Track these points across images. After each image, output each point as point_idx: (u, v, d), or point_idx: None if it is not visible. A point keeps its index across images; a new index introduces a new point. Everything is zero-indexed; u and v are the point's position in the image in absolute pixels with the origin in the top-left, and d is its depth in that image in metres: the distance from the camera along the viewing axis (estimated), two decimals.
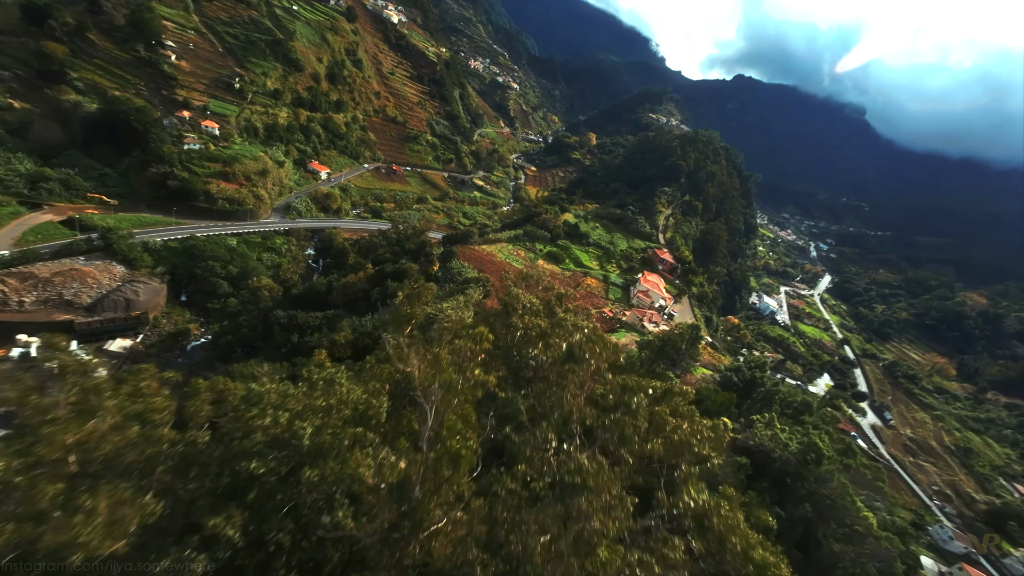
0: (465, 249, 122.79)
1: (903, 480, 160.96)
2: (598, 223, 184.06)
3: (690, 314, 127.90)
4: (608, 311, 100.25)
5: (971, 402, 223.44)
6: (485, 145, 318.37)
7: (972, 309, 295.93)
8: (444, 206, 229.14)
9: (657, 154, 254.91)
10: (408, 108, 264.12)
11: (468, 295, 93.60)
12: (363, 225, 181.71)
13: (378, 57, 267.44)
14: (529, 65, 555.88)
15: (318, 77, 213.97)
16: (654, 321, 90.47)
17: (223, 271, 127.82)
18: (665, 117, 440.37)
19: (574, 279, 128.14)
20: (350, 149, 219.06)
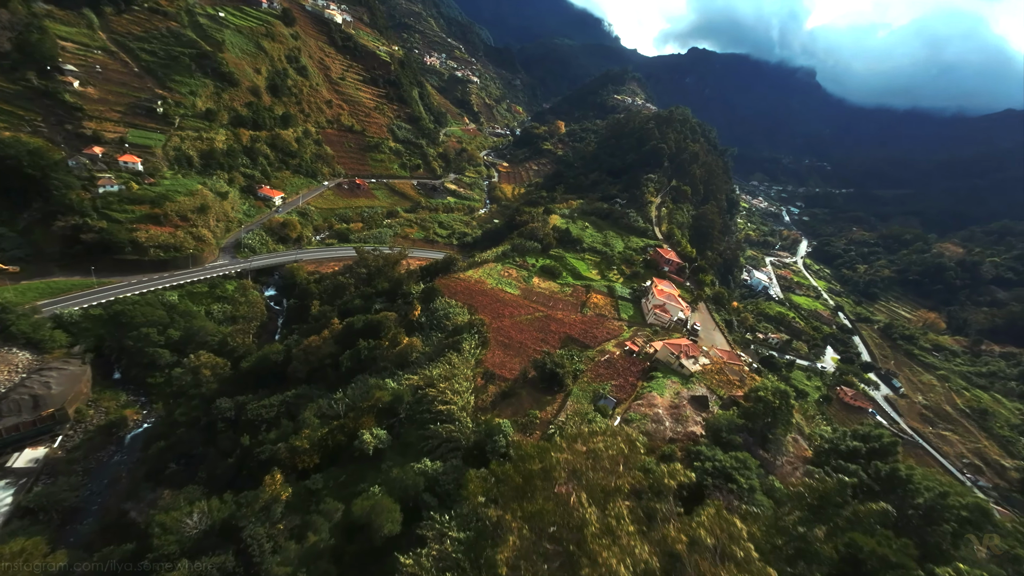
0: (449, 280, 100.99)
1: (931, 456, 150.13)
2: (586, 221, 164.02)
3: (710, 321, 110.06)
4: (631, 343, 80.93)
5: (969, 356, 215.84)
6: (452, 145, 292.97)
7: (950, 260, 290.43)
8: (417, 218, 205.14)
9: (633, 138, 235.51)
10: (365, 115, 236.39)
11: (462, 349, 72.47)
12: (329, 254, 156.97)
13: (325, 62, 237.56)
14: (487, 56, 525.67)
15: (258, 91, 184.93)
16: (692, 355, 71.84)
17: (161, 337, 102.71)
18: (630, 97, 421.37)
19: (576, 297, 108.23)
20: (305, 167, 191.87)
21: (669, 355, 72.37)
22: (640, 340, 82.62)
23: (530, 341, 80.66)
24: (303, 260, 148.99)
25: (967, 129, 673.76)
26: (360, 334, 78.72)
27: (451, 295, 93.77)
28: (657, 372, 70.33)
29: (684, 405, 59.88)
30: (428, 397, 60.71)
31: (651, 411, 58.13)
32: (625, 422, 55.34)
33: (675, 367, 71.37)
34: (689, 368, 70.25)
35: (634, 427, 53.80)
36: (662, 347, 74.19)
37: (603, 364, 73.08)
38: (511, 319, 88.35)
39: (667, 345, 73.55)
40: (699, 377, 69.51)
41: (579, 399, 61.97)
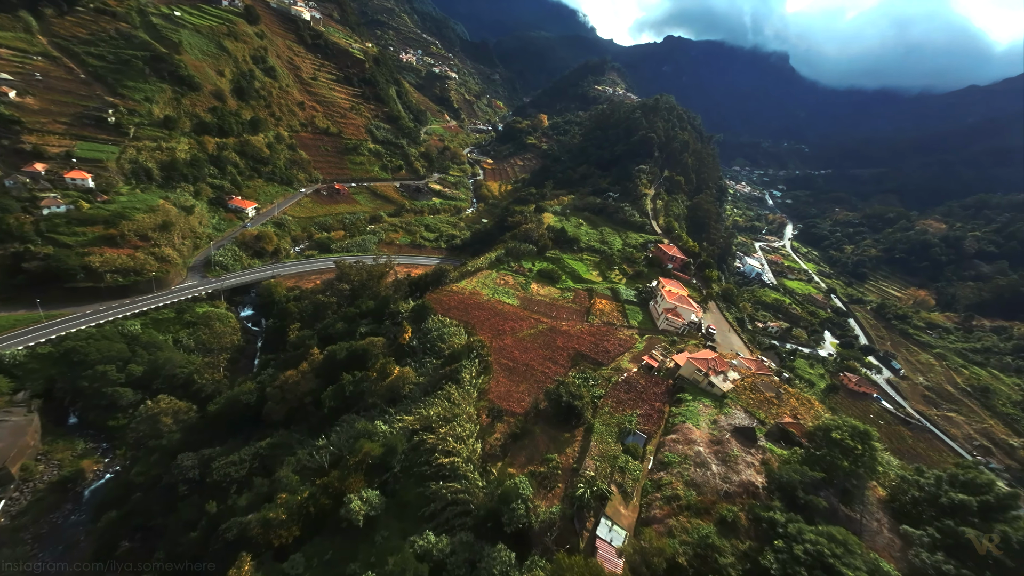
0: (441, 294, 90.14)
1: (940, 440, 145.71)
2: (580, 218, 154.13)
3: (722, 322, 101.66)
4: (649, 358, 71.52)
5: (962, 333, 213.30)
6: (434, 143, 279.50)
7: (934, 236, 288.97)
8: (402, 222, 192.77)
9: (620, 128, 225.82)
10: (341, 116, 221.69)
11: (461, 379, 62.17)
12: (309, 267, 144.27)
13: (295, 61, 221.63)
14: (463, 51, 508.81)
15: (222, 94, 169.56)
16: (720, 371, 62.76)
17: (122, 375, 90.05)
18: (611, 88, 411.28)
19: (580, 303, 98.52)
20: (279, 174, 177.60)
21: (695, 372, 63.31)
22: (658, 353, 73.34)
23: (537, 361, 70.82)
24: (281, 275, 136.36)
25: (934, 106, 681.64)
26: (344, 366, 67.76)
27: (444, 312, 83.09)
28: (685, 394, 61.14)
29: (728, 440, 50.68)
30: (426, 445, 50.39)
31: (689, 449, 48.90)
32: (661, 466, 46.22)
33: (704, 386, 62.35)
34: (720, 386, 61.30)
35: (675, 474, 44.62)
36: (686, 363, 64.99)
37: (622, 386, 63.66)
38: (513, 336, 78.23)
39: (692, 361, 64.34)
40: (733, 397, 60.60)
41: (602, 436, 52.43)
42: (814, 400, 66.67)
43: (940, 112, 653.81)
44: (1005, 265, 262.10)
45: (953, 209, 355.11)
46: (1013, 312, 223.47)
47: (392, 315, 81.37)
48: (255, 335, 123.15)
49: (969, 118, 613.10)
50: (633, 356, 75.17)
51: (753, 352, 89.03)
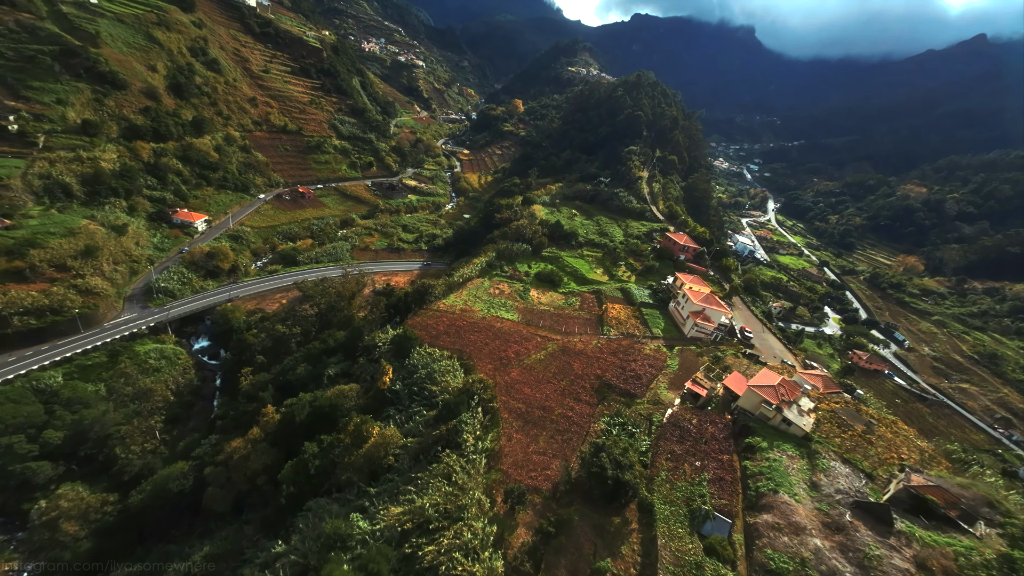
0: (427, 316, 72.95)
1: (960, 415, 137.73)
2: (572, 208, 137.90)
3: (753, 320, 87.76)
4: (694, 384, 56.47)
5: (956, 297, 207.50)
6: (406, 137, 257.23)
7: (916, 200, 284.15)
8: (377, 223, 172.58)
9: (602, 109, 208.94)
10: (299, 111, 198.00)
11: (463, 443, 45.91)
12: (273, 284, 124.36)
13: (242, 53, 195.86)
14: (429, 39, 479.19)
15: (155, 93, 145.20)
16: (791, 399, 48.01)
17: (34, 446, 70.75)
18: (584, 69, 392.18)
19: (588, 309, 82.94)
20: (233, 180, 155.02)
21: (761, 405, 48.75)
22: (702, 375, 58.49)
23: (555, 399, 55.21)
24: (240, 297, 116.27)
25: (895, 73, 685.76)
26: (307, 429, 50.62)
27: (432, 339, 66.18)
28: (757, 438, 46.40)
29: (851, 524, 35.93)
30: (424, 562, 34.26)
31: (800, 542, 33.87)
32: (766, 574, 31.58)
33: (775, 423, 48.00)
34: (798, 423, 46.85)
35: None
36: (747, 392, 50.30)
37: (671, 431, 48.67)
38: (519, 364, 62.13)
39: (755, 390, 49.54)
40: (820, 439, 46.27)
41: (668, 523, 37.27)
42: (910, 432, 53.15)
43: (902, 79, 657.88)
44: (986, 225, 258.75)
45: (927, 172, 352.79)
46: (1001, 272, 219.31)
47: (367, 349, 64.07)
48: (213, 371, 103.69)
49: (929, 83, 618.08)
50: (669, 380, 60.25)
51: (796, 355, 75.63)
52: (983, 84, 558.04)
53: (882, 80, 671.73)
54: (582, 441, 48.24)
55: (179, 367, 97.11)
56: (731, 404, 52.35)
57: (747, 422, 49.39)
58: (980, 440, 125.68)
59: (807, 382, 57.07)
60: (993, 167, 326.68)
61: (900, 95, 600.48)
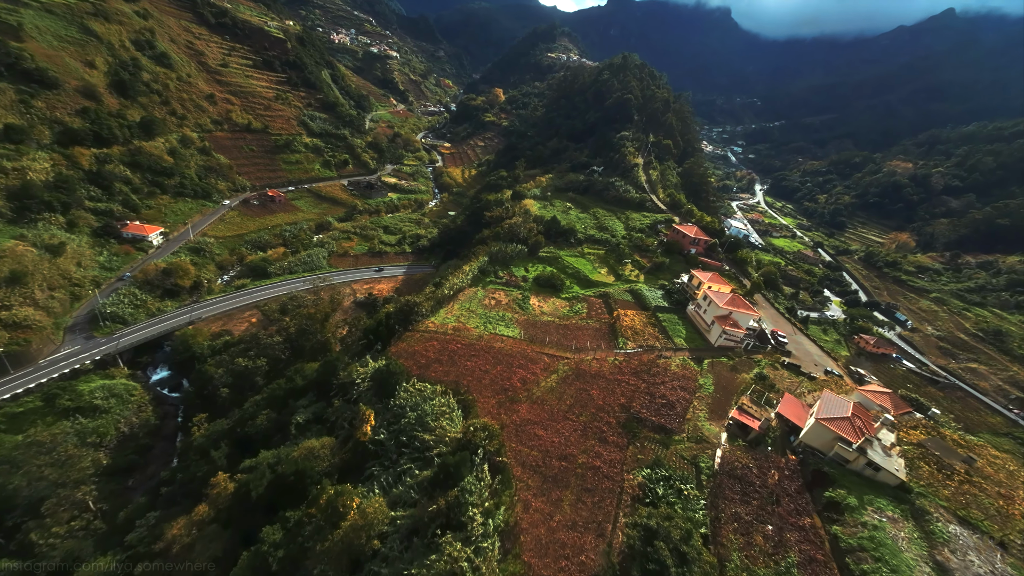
0: (413, 340, 61.35)
1: (973, 397, 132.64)
2: (566, 201, 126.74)
3: (782, 320, 78.42)
4: (741, 414, 46.52)
5: (951, 272, 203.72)
6: (383, 132, 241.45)
7: (903, 176, 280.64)
8: (355, 226, 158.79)
9: (588, 94, 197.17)
10: (264, 107, 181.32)
11: (468, 523, 35.02)
12: (241, 301, 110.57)
13: (196, 45, 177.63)
14: (402, 28, 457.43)
15: (94, 92, 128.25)
16: (871, 435, 38.54)
17: None
18: (564, 54, 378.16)
19: (598, 318, 72.51)
20: (192, 186, 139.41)
21: (836, 443, 38.91)
22: (748, 401, 48.54)
23: (575, 442, 44.83)
24: (202, 319, 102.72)
25: (868, 50, 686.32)
26: (268, 504, 39.15)
27: (422, 369, 54.92)
28: (840, 491, 36.55)
29: None
30: None
31: None
32: None
33: (858, 467, 38.44)
34: (890, 469, 37.10)
35: None
36: (814, 426, 40.47)
37: (731, 489, 38.54)
38: (527, 396, 51.45)
39: (825, 424, 39.66)
40: (924, 491, 36.77)
41: None
42: (1007, 459, 44.30)
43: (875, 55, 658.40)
44: (973, 198, 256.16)
45: (908, 148, 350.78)
46: (991, 245, 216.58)
47: (343, 388, 52.50)
48: (175, 405, 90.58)
49: (901, 58, 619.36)
50: (708, 407, 50.36)
51: (837, 360, 66.72)
52: (953, 57, 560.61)
53: (856, 57, 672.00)
54: (617, 503, 37.99)
55: (132, 405, 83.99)
56: (791, 438, 42.77)
57: (819, 465, 39.82)
58: (997, 423, 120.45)
59: (872, 401, 47.88)
60: (972, 139, 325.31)
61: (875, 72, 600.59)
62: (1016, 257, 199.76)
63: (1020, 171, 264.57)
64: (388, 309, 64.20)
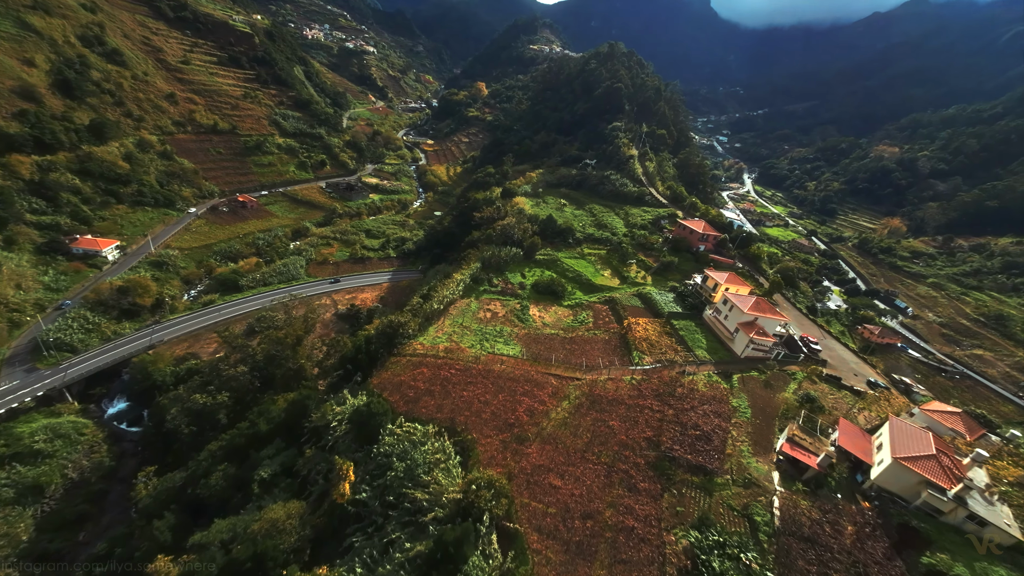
0: (400, 366, 52.61)
1: (983, 385, 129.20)
2: (559, 197, 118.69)
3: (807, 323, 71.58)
4: (793, 448, 38.85)
5: (946, 257, 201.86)
6: (362, 130, 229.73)
7: (891, 161, 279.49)
8: (335, 231, 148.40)
9: (575, 84, 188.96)
10: (232, 107, 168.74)
11: None
12: (208, 319, 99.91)
13: (153, 41, 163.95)
14: (379, 23, 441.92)
15: (33, 93, 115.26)
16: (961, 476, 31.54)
17: None
18: (547, 46, 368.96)
19: (606, 328, 64.70)
20: (152, 194, 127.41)
21: (923, 489, 31.75)
22: (797, 429, 40.97)
23: (599, 492, 36.99)
24: (164, 341, 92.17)
25: (845, 37, 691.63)
26: None
27: (410, 403, 46.39)
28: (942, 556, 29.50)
29: None
30: None
31: None
32: None
33: (956, 520, 31.48)
34: (998, 523, 30.01)
35: None
36: (891, 467, 33.18)
37: (803, 555, 31.13)
38: (537, 432, 43.39)
39: (908, 466, 32.35)
40: None
41: None
42: None
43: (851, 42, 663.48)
44: (959, 181, 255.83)
45: (891, 132, 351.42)
46: (981, 227, 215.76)
47: (317, 432, 43.70)
48: (135, 441, 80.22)
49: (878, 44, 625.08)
50: (749, 436, 42.98)
51: (876, 366, 60.17)
52: (928, 42, 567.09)
53: (834, 44, 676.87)
54: None
55: (83, 446, 73.72)
56: (857, 477, 35.57)
57: (904, 517, 32.65)
58: (1009, 412, 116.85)
59: (941, 424, 41.00)
60: (953, 122, 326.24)
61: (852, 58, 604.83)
62: (1008, 239, 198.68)
63: (1003, 153, 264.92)
64: (368, 331, 55.30)
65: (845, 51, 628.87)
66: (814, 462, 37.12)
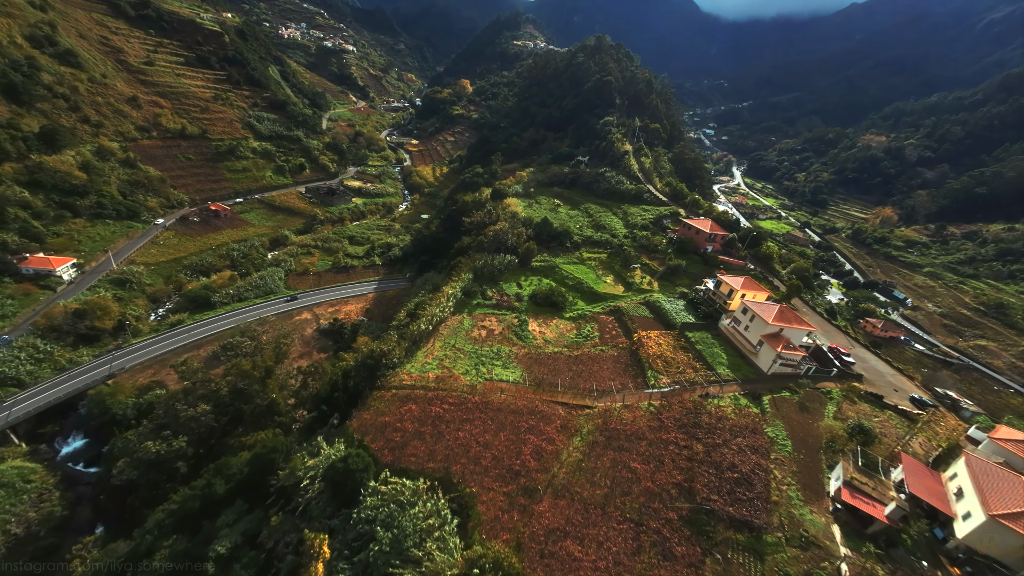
0: (384, 401, 45.16)
1: (990, 377, 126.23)
2: (552, 197, 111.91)
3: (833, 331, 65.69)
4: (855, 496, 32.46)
5: (939, 245, 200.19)
6: (343, 131, 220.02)
7: (879, 150, 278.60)
8: (317, 239, 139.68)
9: (563, 79, 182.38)
10: (201, 110, 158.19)
11: None
12: (176, 342, 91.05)
13: (112, 41, 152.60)
14: (358, 21, 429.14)
15: None
16: None
17: None
18: (531, 41, 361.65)
19: (615, 343, 58.22)
20: (113, 205, 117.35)
21: None
22: (853, 471, 34.60)
23: (628, 565, 30.31)
24: (125, 369, 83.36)
25: (825, 28, 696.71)
26: None
27: (396, 451, 39.26)
28: None
29: None
30: None
31: None
32: None
33: None
34: None
35: None
36: (986, 524, 27.10)
37: None
38: (547, 481, 36.59)
39: (1009, 526, 26.52)
40: None
41: None
42: None
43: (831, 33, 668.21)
44: (946, 168, 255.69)
45: (876, 121, 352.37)
46: (971, 214, 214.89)
47: (285, 491, 36.35)
48: (92, 485, 71.49)
49: (857, 35, 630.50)
50: (795, 477, 36.77)
51: (913, 378, 54.65)
52: (905, 32, 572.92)
53: (815, 35, 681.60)
54: None
55: (29, 495, 65.08)
56: (935, 530, 29.66)
57: None
58: (1019, 404, 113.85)
59: (1015, 455, 35.28)
60: (936, 110, 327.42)
61: (833, 49, 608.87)
62: (999, 225, 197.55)
63: (987, 139, 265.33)
64: (347, 363, 47.83)
65: (825, 42, 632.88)
66: (882, 513, 31.10)
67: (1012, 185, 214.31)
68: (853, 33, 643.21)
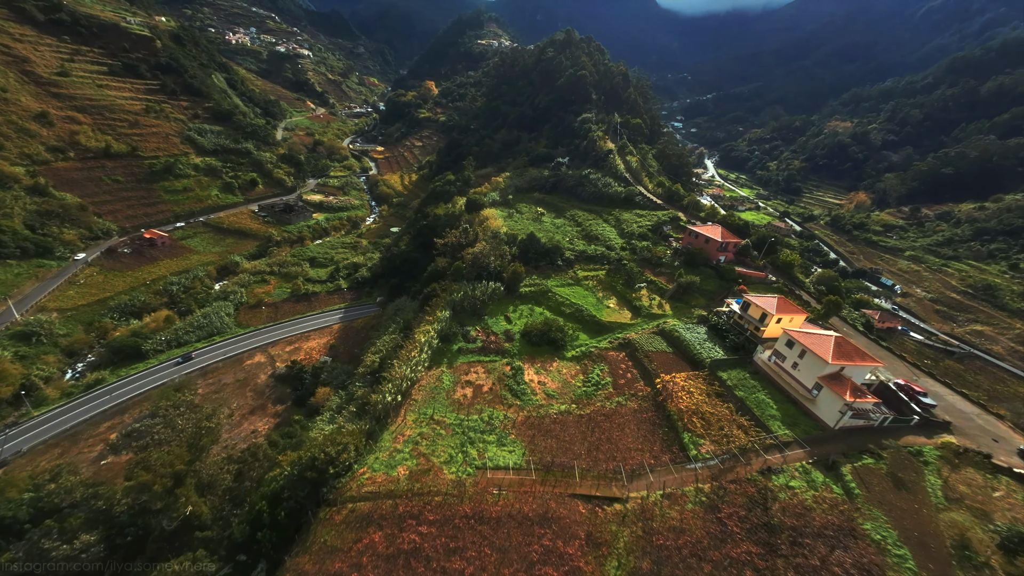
0: (337, 530, 31.42)
1: (993, 365, 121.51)
2: (533, 205, 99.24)
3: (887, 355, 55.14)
4: None
5: (916, 228, 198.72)
6: (300, 140, 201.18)
7: (845, 135, 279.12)
8: (272, 263, 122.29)
9: (532, 76, 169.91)
10: (130, 124, 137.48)
11: None
12: (92, 410, 73.59)
13: (15, 50, 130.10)
14: (313, 25, 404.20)
15: None
16: None
17: None
18: (495, 40, 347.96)
19: (632, 392, 46.12)
20: (17, 242, 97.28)
21: None
22: None
23: None
24: (23, 453, 65.77)
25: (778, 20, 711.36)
26: None
27: None
28: None
29: None
30: None
31: None
32: None
33: None
34: None
35: None
36: None
37: None
38: None
39: None
40: None
41: None
42: None
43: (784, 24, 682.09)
44: (910, 150, 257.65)
45: (836, 108, 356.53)
46: (939, 194, 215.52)
47: None
48: None
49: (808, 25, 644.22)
50: None
51: (1002, 418, 45.04)
52: (854, 21, 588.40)
53: (768, 27, 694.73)
54: None
55: None
56: None
57: None
58: None
59: None
60: (891, 95, 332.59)
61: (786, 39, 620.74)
62: (969, 204, 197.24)
63: (943, 120, 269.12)
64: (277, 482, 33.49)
65: (779, 33, 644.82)
66: None
67: (976, 164, 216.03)
68: (804, 24, 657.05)
